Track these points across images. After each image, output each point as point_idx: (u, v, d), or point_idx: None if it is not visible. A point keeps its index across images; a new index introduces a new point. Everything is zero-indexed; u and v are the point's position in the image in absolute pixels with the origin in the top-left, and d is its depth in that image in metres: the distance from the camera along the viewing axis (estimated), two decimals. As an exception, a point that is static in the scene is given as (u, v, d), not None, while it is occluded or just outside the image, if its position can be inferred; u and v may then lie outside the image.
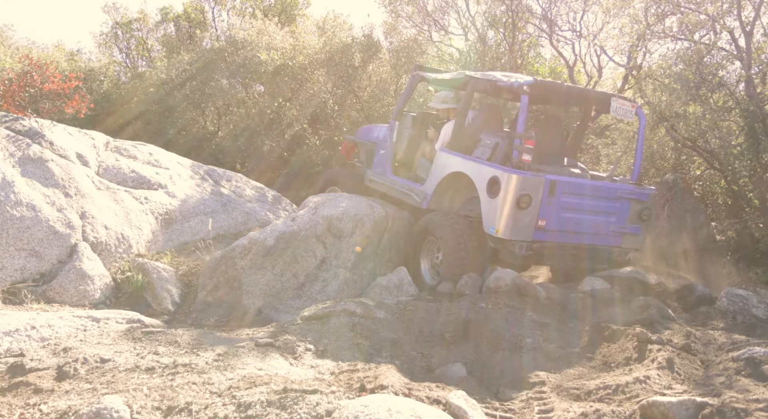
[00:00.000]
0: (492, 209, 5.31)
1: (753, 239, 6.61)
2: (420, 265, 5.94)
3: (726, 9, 7.61)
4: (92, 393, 2.86)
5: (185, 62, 12.95)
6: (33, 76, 6.76)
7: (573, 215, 5.47)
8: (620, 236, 5.74)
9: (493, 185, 5.32)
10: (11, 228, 5.04)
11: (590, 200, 5.55)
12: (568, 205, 5.42)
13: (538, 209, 5.24)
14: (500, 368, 3.61)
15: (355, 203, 6.02)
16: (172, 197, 6.61)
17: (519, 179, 5.15)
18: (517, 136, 5.35)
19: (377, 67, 11.45)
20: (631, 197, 5.71)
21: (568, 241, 5.56)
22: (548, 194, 5.24)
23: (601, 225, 5.65)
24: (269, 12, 15.82)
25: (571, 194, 5.42)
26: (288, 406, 2.60)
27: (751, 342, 4.01)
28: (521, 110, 5.41)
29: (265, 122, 11.73)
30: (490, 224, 5.33)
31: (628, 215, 5.71)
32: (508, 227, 5.21)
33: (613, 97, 5.87)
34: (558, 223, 5.40)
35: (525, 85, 5.38)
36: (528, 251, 5.33)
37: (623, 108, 5.78)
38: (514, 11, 11.02)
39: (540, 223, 5.28)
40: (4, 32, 17.47)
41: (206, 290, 5.28)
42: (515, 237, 5.26)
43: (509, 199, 5.17)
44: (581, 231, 5.57)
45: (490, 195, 5.34)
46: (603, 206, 5.63)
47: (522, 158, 5.29)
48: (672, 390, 3.19)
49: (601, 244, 5.73)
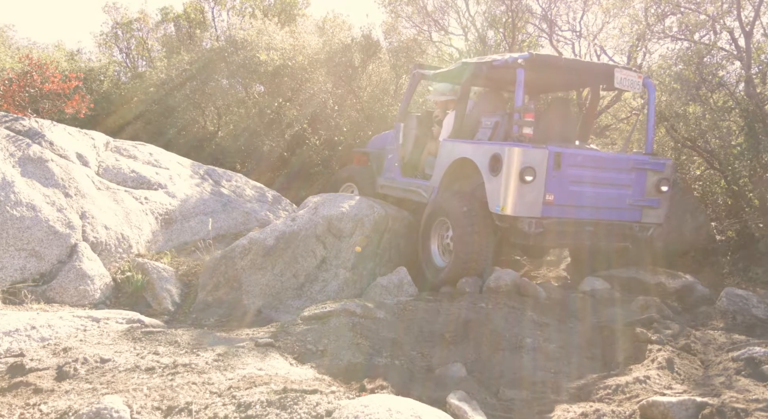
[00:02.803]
0: (496, 187, 5.14)
1: (753, 239, 6.60)
2: (430, 247, 5.82)
3: (726, 9, 7.60)
4: (92, 393, 2.86)
5: (185, 62, 12.94)
6: (33, 76, 6.76)
7: (584, 189, 5.26)
8: (639, 210, 5.51)
9: (495, 162, 5.17)
10: (11, 228, 5.04)
11: (601, 172, 5.34)
12: (577, 178, 5.22)
13: (544, 183, 5.06)
14: (500, 368, 3.61)
15: (354, 203, 6.02)
16: (172, 197, 6.61)
17: (520, 152, 5.01)
18: (516, 110, 5.22)
19: (377, 67, 11.44)
20: (646, 167, 5.47)
21: (582, 217, 5.34)
22: (553, 166, 5.06)
23: (617, 199, 5.41)
24: (269, 12, 15.81)
25: (578, 166, 5.23)
26: (288, 406, 2.60)
27: (751, 342, 4.02)
28: (518, 84, 5.25)
29: (265, 122, 11.72)
30: (495, 202, 5.16)
31: (644, 187, 5.47)
32: (514, 202, 5.04)
33: (616, 68, 5.61)
34: (568, 197, 5.19)
35: (520, 59, 5.26)
36: (538, 227, 5.12)
37: (628, 79, 5.53)
38: (514, 11, 11.02)
39: (548, 197, 5.08)
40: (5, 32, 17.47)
41: (206, 290, 5.28)
42: (522, 213, 5.07)
43: (512, 174, 5.01)
44: (595, 206, 5.35)
45: (493, 173, 5.18)
46: (616, 179, 5.40)
47: (522, 131, 5.16)
48: (672, 390, 3.19)
49: (619, 219, 5.49)
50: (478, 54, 11.38)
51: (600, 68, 5.99)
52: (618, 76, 5.50)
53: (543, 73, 5.79)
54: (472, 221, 5.31)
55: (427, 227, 5.89)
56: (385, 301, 4.75)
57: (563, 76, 6.12)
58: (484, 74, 5.86)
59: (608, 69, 5.70)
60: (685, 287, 5.53)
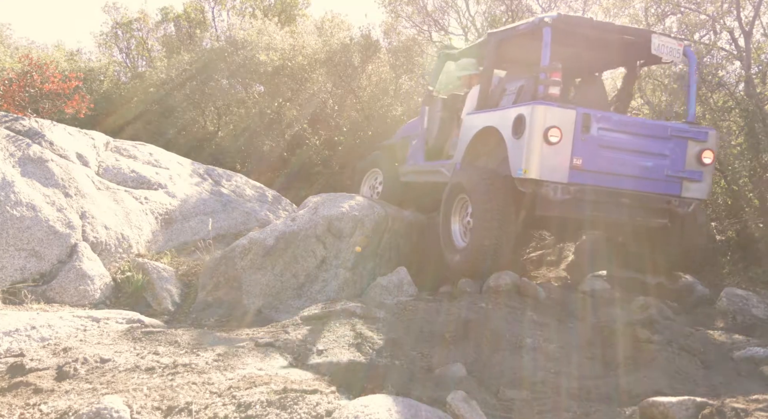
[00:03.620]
0: (518, 149, 4.77)
1: (753, 239, 6.59)
2: (451, 228, 5.50)
3: (726, 9, 7.61)
4: (92, 393, 2.86)
5: (185, 62, 12.95)
6: (33, 76, 6.76)
7: (616, 155, 4.87)
8: (678, 182, 5.09)
9: (519, 124, 4.79)
10: (11, 228, 5.04)
11: (636, 139, 4.93)
12: (609, 142, 4.83)
13: (571, 146, 4.70)
14: (500, 368, 3.61)
15: (354, 203, 6.02)
16: (172, 197, 6.61)
17: (544, 110, 4.66)
18: (542, 69, 4.85)
19: (377, 67, 11.44)
20: (687, 136, 5.05)
21: (614, 185, 4.92)
22: (582, 128, 4.71)
23: (653, 169, 4.99)
24: (269, 12, 15.82)
25: (610, 130, 4.85)
26: (288, 406, 2.60)
27: (751, 342, 4.02)
28: (544, 44, 4.89)
29: (265, 122, 11.72)
30: (517, 166, 4.77)
31: (685, 157, 5.04)
32: (538, 165, 4.67)
33: (654, 33, 5.17)
34: (598, 163, 4.81)
35: (547, 18, 4.92)
36: (564, 194, 4.74)
37: (667, 46, 5.09)
38: (514, 11, 11.02)
39: (575, 162, 4.72)
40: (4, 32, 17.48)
41: (206, 290, 5.28)
42: (547, 177, 4.71)
43: (536, 133, 4.64)
44: (629, 174, 4.93)
45: (516, 136, 4.81)
46: (653, 146, 4.99)
47: (548, 91, 4.80)
48: (672, 390, 3.19)
49: (655, 191, 5.06)
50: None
51: (635, 33, 5.38)
52: (656, 42, 5.07)
53: (571, 43, 5.33)
54: (493, 197, 4.94)
55: (447, 206, 5.56)
56: (385, 301, 4.75)
57: (594, 46, 5.54)
58: (510, 42, 5.53)
59: (645, 34, 5.22)
60: (685, 287, 5.52)
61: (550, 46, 4.90)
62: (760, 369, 3.57)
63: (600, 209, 5.03)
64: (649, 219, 5.24)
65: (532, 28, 5.11)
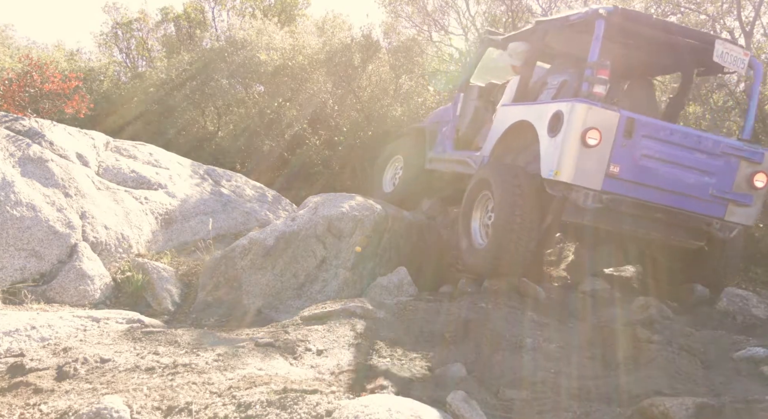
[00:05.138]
0: (552, 148, 4.42)
1: (753, 239, 6.59)
2: (471, 225, 5.18)
3: (726, 9, 7.62)
4: (92, 393, 2.86)
5: (185, 62, 12.95)
6: (33, 76, 6.76)
7: (657, 167, 4.48)
8: (723, 204, 4.65)
9: (555, 121, 4.43)
10: (11, 228, 5.04)
11: (681, 151, 4.52)
12: (651, 152, 4.44)
13: (610, 151, 4.33)
14: (500, 368, 3.61)
15: (355, 203, 6.02)
16: (172, 197, 6.62)
17: (585, 109, 4.29)
18: (588, 66, 4.47)
19: (377, 67, 11.45)
20: (740, 154, 4.60)
21: (651, 199, 4.52)
22: (624, 133, 4.33)
23: (696, 186, 4.56)
24: (269, 12, 15.82)
25: (654, 138, 4.46)
26: (288, 406, 2.60)
27: (751, 342, 4.02)
28: (595, 38, 4.51)
29: (265, 122, 11.72)
30: (548, 166, 4.40)
31: (734, 178, 4.59)
32: (571, 168, 4.30)
33: (718, 39, 4.74)
34: (636, 173, 4.43)
35: (602, 10, 4.52)
36: (596, 202, 4.38)
37: (732, 55, 4.66)
38: (514, 11, 11.03)
39: (612, 169, 4.36)
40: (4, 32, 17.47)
41: (206, 290, 5.28)
42: (580, 182, 4.35)
43: (573, 133, 4.28)
44: (669, 189, 4.52)
45: (551, 134, 4.44)
46: (699, 162, 4.56)
47: (593, 90, 4.42)
48: (672, 390, 3.19)
49: (696, 211, 4.63)
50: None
51: (697, 36, 4.92)
52: (720, 49, 4.63)
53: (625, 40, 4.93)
54: (519, 197, 4.59)
55: (469, 202, 5.23)
56: (385, 301, 4.75)
57: (649, 47, 5.12)
58: (559, 32, 5.15)
59: (708, 39, 4.76)
60: (685, 287, 5.52)
61: (601, 41, 4.52)
62: (760, 369, 3.57)
63: (632, 223, 4.67)
64: (684, 240, 4.86)
65: (583, 19, 4.73)
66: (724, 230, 4.73)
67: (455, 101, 6.44)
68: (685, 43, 4.90)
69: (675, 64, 5.66)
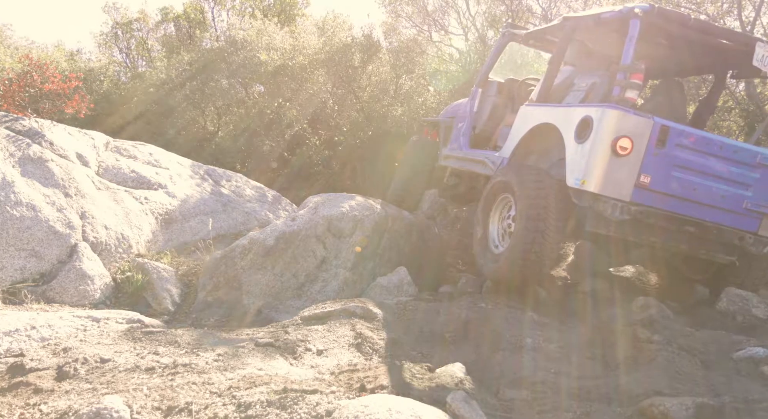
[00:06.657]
0: (579, 156, 4.20)
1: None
2: (488, 230, 4.97)
3: (726, 9, 7.62)
4: (92, 393, 2.86)
5: (185, 62, 12.97)
6: (33, 76, 6.76)
7: (691, 178, 4.27)
8: (758, 218, 4.46)
9: (584, 127, 4.22)
10: (11, 228, 5.04)
11: (716, 162, 4.31)
12: (684, 162, 4.24)
13: (641, 161, 4.11)
14: (500, 368, 3.61)
15: (355, 203, 6.02)
16: (172, 197, 6.62)
17: (618, 115, 4.08)
18: (621, 69, 4.25)
19: (377, 67, 11.46)
20: None
21: (682, 212, 4.32)
22: (656, 142, 4.11)
23: (730, 198, 4.37)
24: (269, 12, 15.84)
25: (689, 148, 4.24)
26: (288, 406, 2.60)
27: (751, 342, 4.02)
28: (629, 38, 4.29)
29: (265, 122, 11.73)
30: (575, 175, 4.19)
31: None
32: (600, 177, 4.09)
33: (759, 42, 4.45)
34: (668, 184, 4.22)
35: (638, 9, 4.28)
36: (624, 214, 4.15)
37: None
38: (514, 11, 11.04)
39: (642, 179, 4.14)
40: (4, 32, 17.48)
41: (206, 290, 5.28)
42: (608, 193, 4.13)
43: (603, 141, 4.06)
44: (701, 202, 4.32)
45: (579, 140, 4.22)
46: (734, 174, 4.35)
47: (625, 95, 4.18)
48: (672, 390, 3.19)
49: (728, 224, 4.44)
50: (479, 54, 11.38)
51: (736, 38, 4.67)
52: (760, 52, 4.40)
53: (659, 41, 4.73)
54: (542, 202, 4.38)
55: (486, 205, 5.03)
56: (385, 301, 4.75)
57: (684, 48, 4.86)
58: (588, 30, 4.92)
59: (748, 41, 4.53)
60: (685, 287, 5.52)
61: (635, 42, 4.30)
62: (760, 369, 3.57)
63: (660, 236, 4.46)
64: (714, 254, 4.67)
65: (617, 18, 4.48)
66: (757, 244, 4.53)
67: (472, 97, 6.24)
68: (722, 44, 4.65)
69: (708, 66, 5.50)
